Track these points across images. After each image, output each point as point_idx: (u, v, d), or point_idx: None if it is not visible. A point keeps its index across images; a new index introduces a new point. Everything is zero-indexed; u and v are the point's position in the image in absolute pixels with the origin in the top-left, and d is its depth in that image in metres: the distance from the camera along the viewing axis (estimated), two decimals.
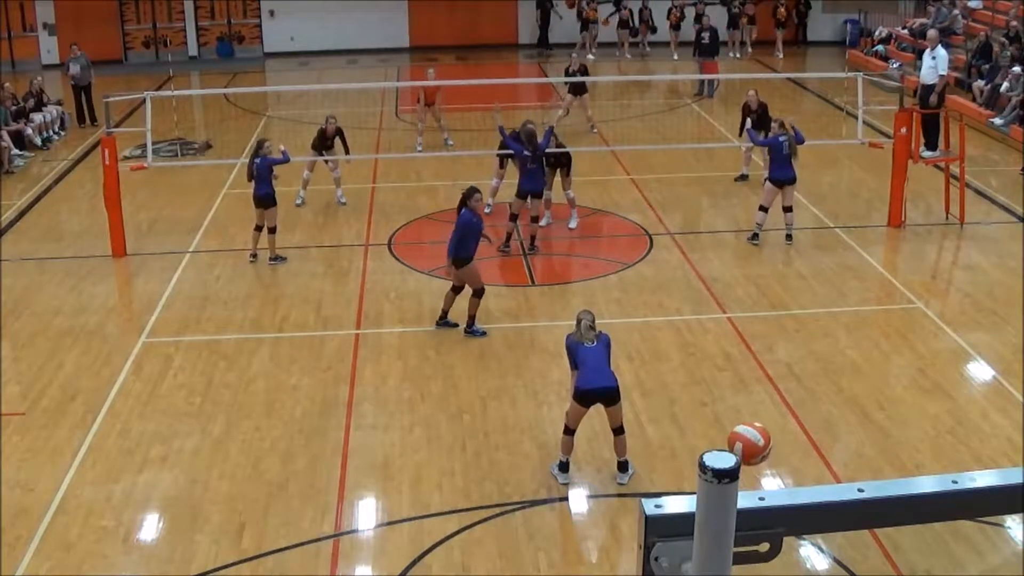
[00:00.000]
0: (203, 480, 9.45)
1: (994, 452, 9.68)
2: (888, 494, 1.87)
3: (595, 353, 9.01)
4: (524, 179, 14.55)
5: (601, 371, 9.00)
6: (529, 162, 14.47)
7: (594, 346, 9.04)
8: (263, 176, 14.26)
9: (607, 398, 9.02)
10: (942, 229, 15.65)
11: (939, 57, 17.27)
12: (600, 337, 9.13)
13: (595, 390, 8.97)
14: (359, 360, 11.69)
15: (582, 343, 9.07)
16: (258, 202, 14.36)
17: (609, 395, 9.01)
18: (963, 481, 1.88)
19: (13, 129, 20.40)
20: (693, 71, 25.58)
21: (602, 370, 9.01)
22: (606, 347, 9.11)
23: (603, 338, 9.15)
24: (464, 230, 11.83)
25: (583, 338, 9.08)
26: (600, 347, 9.05)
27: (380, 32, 31.31)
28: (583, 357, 9.00)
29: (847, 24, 30.92)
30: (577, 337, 9.11)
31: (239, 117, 23.85)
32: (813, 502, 1.85)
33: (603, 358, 9.04)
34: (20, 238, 16.04)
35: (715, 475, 1.73)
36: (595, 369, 8.98)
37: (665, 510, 1.81)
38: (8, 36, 30.09)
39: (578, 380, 9.03)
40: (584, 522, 8.97)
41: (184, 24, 31.58)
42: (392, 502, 9.14)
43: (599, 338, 9.12)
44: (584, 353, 9.01)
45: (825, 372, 11.31)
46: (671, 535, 1.80)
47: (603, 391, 8.98)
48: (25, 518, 8.88)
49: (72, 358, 11.91)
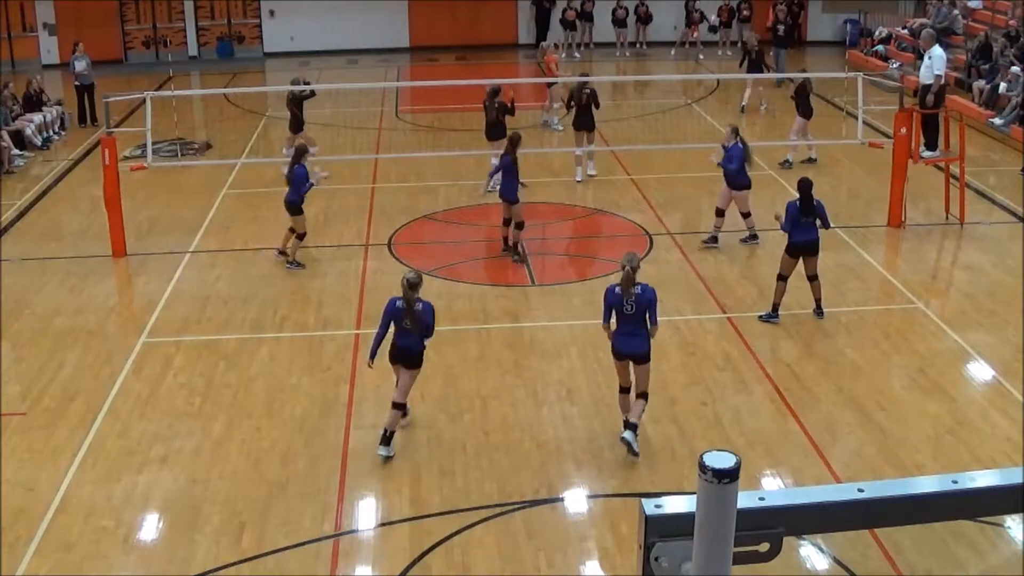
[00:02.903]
0: (203, 480, 9.45)
1: (994, 452, 9.68)
2: (888, 494, 1.87)
3: (630, 319, 9.48)
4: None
5: (634, 336, 9.53)
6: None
7: (632, 312, 9.45)
8: (294, 182, 14.17)
9: (636, 359, 9.59)
10: (942, 229, 15.65)
11: (935, 57, 17.25)
12: (640, 297, 9.44)
13: (626, 353, 9.63)
14: (359, 360, 11.69)
15: (622, 306, 9.49)
16: (285, 205, 14.36)
17: (638, 358, 9.57)
18: (963, 481, 1.88)
19: (13, 129, 20.41)
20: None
21: (635, 335, 9.52)
22: (645, 308, 9.45)
23: (644, 298, 9.45)
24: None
25: (624, 297, 9.44)
26: (637, 313, 9.45)
27: (380, 32, 31.30)
28: (619, 320, 9.56)
29: (847, 24, 30.91)
30: (619, 292, 9.48)
31: (239, 117, 23.85)
32: (813, 502, 1.85)
33: (639, 322, 9.48)
34: (20, 238, 16.04)
35: (715, 475, 1.72)
36: (628, 334, 9.54)
37: (665, 510, 1.81)
38: (8, 36, 30.09)
39: (613, 340, 9.70)
40: (584, 522, 8.97)
41: (184, 24, 31.58)
42: (392, 502, 9.14)
43: (639, 298, 9.44)
44: (620, 317, 9.55)
45: (825, 372, 11.31)
46: (671, 535, 1.80)
47: (633, 355, 9.59)
48: (25, 518, 8.89)
49: (72, 358, 11.91)
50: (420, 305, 9.54)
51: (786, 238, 12.33)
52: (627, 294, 9.43)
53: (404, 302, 9.51)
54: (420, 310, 9.53)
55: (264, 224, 16.33)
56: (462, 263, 14.72)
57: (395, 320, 9.59)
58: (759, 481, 9.24)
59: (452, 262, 14.50)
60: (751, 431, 10.16)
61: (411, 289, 9.48)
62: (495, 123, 17.26)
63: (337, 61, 30.25)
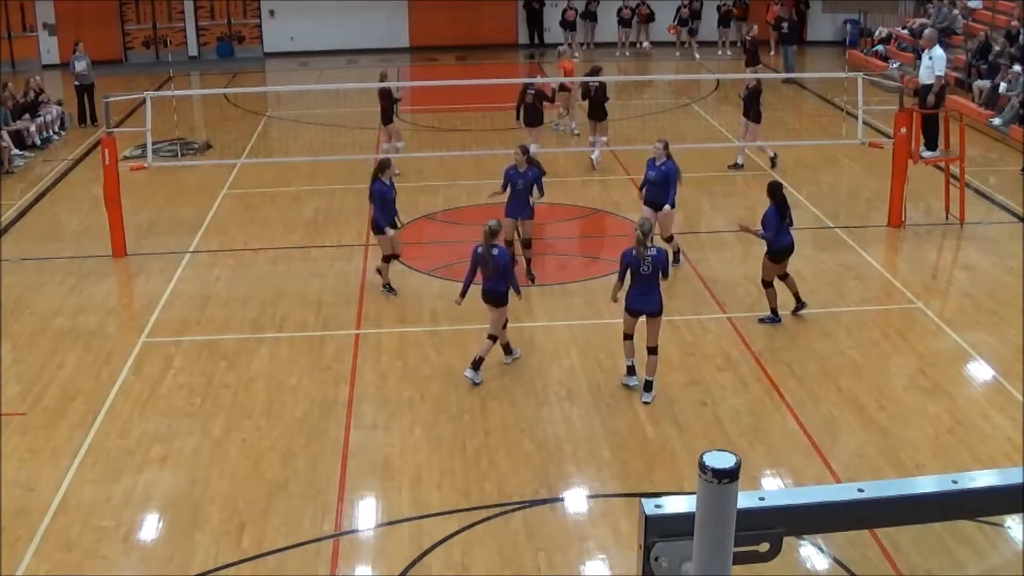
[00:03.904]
0: (203, 480, 9.45)
1: (994, 452, 9.68)
2: (888, 494, 1.86)
3: (646, 280, 10.41)
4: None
5: (650, 294, 10.48)
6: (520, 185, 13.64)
7: (648, 273, 10.39)
8: (379, 201, 13.16)
9: (653, 314, 10.52)
10: (942, 229, 15.65)
11: (936, 58, 17.25)
12: (655, 258, 10.39)
13: (643, 310, 10.52)
14: (359, 360, 11.70)
15: (639, 267, 10.36)
16: (371, 226, 13.59)
17: (655, 313, 10.52)
18: (963, 481, 1.88)
19: (13, 129, 20.41)
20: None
21: (651, 293, 10.49)
22: (659, 268, 10.40)
23: (658, 259, 10.42)
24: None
25: (640, 258, 10.35)
26: (653, 273, 10.40)
27: (380, 32, 31.31)
28: (635, 280, 10.45)
29: (847, 24, 30.91)
30: (635, 255, 10.37)
31: (239, 117, 23.85)
32: (813, 502, 1.84)
33: (654, 281, 10.44)
34: (20, 238, 16.04)
35: (715, 475, 1.72)
36: (643, 294, 10.48)
37: (665, 510, 1.81)
38: (8, 36, 30.10)
39: (628, 299, 10.58)
40: (584, 522, 8.97)
41: (184, 24, 31.60)
42: (392, 502, 9.14)
43: (654, 259, 10.38)
44: (636, 277, 10.43)
45: (825, 372, 11.31)
46: (671, 535, 1.80)
47: (651, 311, 10.52)
48: (25, 518, 8.89)
49: (72, 358, 11.91)
50: (496, 251, 10.91)
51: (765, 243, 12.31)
52: (643, 256, 10.32)
53: (484, 248, 10.86)
54: (496, 255, 10.88)
55: (264, 224, 16.35)
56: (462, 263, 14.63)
57: (480, 265, 10.96)
58: (759, 481, 9.24)
59: (452, 262, 14.47)
60: (751, 431, 10.16)
61: (490, 236, 10.92)
62: (532, 108, 18.07)
63: (337, 61, 30.26)
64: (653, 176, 13.59)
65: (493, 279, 10.98)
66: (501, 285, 11.00)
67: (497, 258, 10.91)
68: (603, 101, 18.37)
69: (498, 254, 10.94)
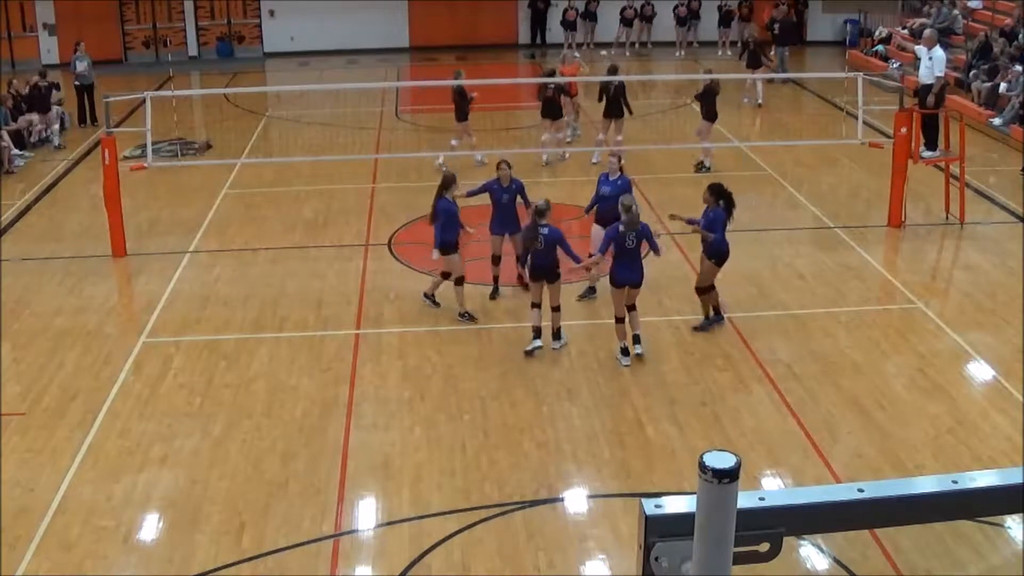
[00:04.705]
0: (203, 480, 9.44)
1: (994, 452, 9.68)
2: (888, 494, 1.86)
3: (631, 252, 11.15)
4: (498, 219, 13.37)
5: (632, 268, 11.22)
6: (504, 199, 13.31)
7: (632, 247, 11.12)
8: (443, 220, 12.43)
9: (635, 285, 11.30)
10: (942, 229, 15.65)
11: (936, 58, 17.24)
12: (639, 232, 11.11)
13: (627, 280, 11.21)
14: (359, 360, 11.70)
15: (625, 241, 11.06)
16: (438, 247, 12.50)
17: (636, 284, 11.31)
18: (963, 481, 1.88)
19: (13, 129, 20.41)
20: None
21: (634, 266, 11.22)
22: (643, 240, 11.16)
23: (642, 232, 11.16)
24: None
25: (627, 232, 11.02)
26: (637, 247, 11.16)
27: (380, 32, 31.30)
28: (619, 253, 11.17)
29: (847, 24, 30.91)
30: (622, 231, 11.03)
31: (239, 117, 23.85)
32: (813, 502, 1.85)
33: (637, 255, 11.21)
34: (20, 238, 16.04)
35: (715, 475, 1.72)
36: (627, 266, 11.19)
37: (665, 510, 1.81)
38: (8, 36, 30.09)
39: (614, 272, 11.32)
40: (584, 522, 8.97)
41: (184, 24, 31.58)
42: (392, 502, 9.13)
43: (638, 233, 11.10)
44: (621, 251, 11.14)
45: (825, 372, 11.31)
46: (671, 535, 1.80)
47: (633, 282, 11.26)
48: (25, 518, 8.88)
49: (72, 358, 11.91)
50: (546, 230, 11.36)
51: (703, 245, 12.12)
52: (629, 231, 10.97)
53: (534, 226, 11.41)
54: (546, 234, 11.34)
55: (264, 224, 16.35)
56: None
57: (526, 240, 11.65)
58: (759, 481, 9.24)
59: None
60: (751, 431, 10.16)
61: (538, 215, 11.42)
62: (550, 100, 18.33)
63: (337, 61, 30.25)
64: (608, 192, 12.82)
65: (541, 255, 11.48)
66: (548, 260, 11.48)
67: (547, 237, 11.42)
68: (621, 100, 18.40)
69: (548, 233, 11.41)
